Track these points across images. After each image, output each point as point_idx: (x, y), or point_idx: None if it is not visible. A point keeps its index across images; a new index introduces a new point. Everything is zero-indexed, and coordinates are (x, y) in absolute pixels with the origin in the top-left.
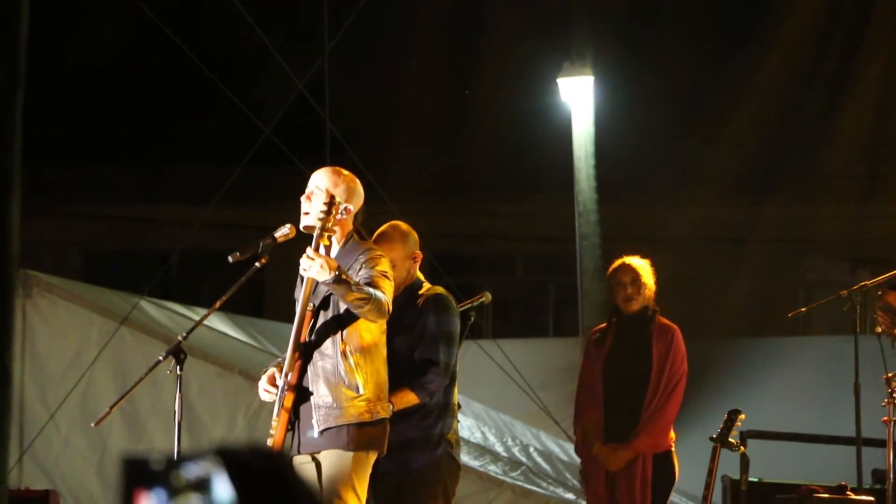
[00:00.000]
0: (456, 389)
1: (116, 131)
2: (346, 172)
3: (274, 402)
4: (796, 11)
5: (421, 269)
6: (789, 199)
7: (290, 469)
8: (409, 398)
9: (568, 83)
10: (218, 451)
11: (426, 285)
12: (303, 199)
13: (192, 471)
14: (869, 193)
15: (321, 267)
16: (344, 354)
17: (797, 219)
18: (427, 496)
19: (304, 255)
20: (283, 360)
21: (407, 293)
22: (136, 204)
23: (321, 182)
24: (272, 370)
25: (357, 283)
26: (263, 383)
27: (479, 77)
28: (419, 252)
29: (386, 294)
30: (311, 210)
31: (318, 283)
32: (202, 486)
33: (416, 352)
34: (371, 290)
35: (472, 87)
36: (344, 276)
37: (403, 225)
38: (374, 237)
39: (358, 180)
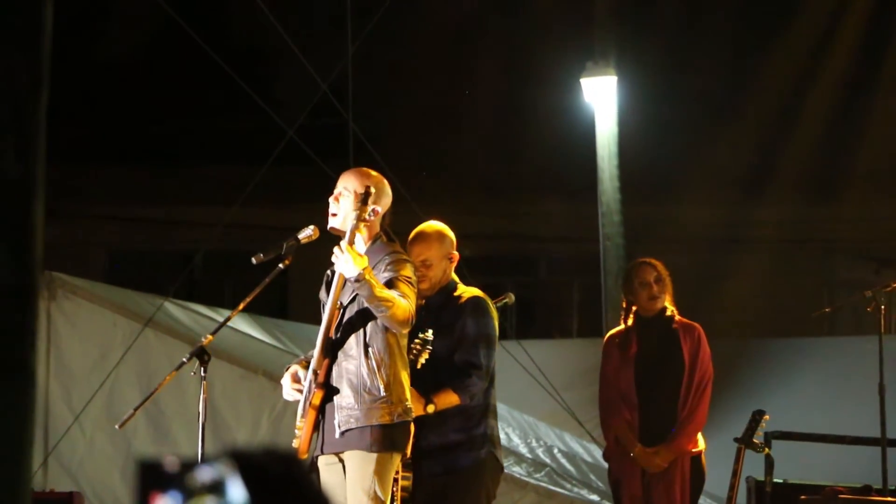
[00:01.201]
0: (494, 391)
1: (140, 132)
2: (374, 173)
3: (298, 401)
4: (823, 11)
5: None
6: (814, 200)
7: (305, 473)
8: (451, 399)
9: (591, 83)
10: (232, 453)
11: (461, 287)
12: (331, 200)
13: (207, 474)
14: (894, 193)
15: (346, 262)
16: (367, 356)
17: (822, 219)
18: (470, 499)
19: (336, 247)
20: (307, 358)
21: (442, 294)
22: (159, 205)
23: (349, 183)
24: (295, 367)
25: (382, 287)
26: (288, 381)
27: (502, 77)
28: (456, 253)
29: (409, 301)
30: (339, 211)
31: (346, 281)
32: (217, 488)
33: (455, 354)
34: (396, 295)
35: (495, 87)
36: (369, 277)
37: (441, 225)
38: (411, 236)
39: (386, 181)
